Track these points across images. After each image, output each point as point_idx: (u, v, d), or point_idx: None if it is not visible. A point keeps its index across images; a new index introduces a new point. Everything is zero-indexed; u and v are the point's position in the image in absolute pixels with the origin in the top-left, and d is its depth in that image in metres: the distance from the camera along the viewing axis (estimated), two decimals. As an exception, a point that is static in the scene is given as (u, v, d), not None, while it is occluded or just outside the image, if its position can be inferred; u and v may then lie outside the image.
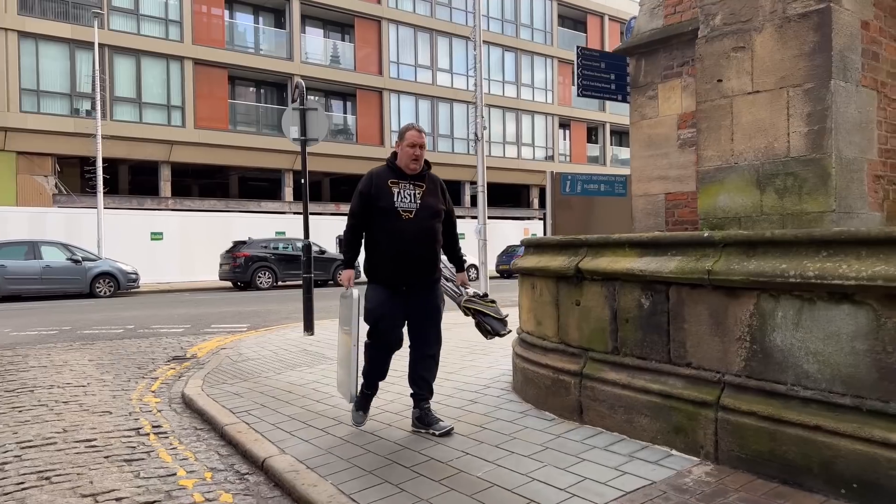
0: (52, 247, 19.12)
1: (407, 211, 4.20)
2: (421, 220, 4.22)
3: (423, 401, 4.38)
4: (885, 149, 3.82)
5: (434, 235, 4.30)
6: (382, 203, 4.19)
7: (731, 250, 3.42)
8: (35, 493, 3.74)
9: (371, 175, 4.34)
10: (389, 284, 4.25)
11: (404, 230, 4.17)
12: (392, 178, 4.26)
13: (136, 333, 10.65)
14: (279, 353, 8.08)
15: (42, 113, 24.06)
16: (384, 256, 4.24)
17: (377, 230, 4.26)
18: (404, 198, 4.21)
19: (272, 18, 30.44)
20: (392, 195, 4.19)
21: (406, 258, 4.20)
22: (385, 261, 4.24)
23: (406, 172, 4.26)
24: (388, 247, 4.21)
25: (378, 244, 4.27)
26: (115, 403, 5.92)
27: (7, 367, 7.71)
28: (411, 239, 4.18)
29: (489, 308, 4.43)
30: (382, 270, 4.27)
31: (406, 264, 4.21)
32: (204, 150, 26.90)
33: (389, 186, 4.22)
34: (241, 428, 4.82)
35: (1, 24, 23.10)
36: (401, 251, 4.18)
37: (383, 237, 4.23)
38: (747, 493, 3.12)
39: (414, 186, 4.27)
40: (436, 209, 4.31)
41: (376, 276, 4.32)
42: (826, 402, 3.03)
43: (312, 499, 3.48)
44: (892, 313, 2.81)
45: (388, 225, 4.20)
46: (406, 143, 4.26)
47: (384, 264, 4.25)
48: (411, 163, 4.24)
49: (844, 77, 3.50)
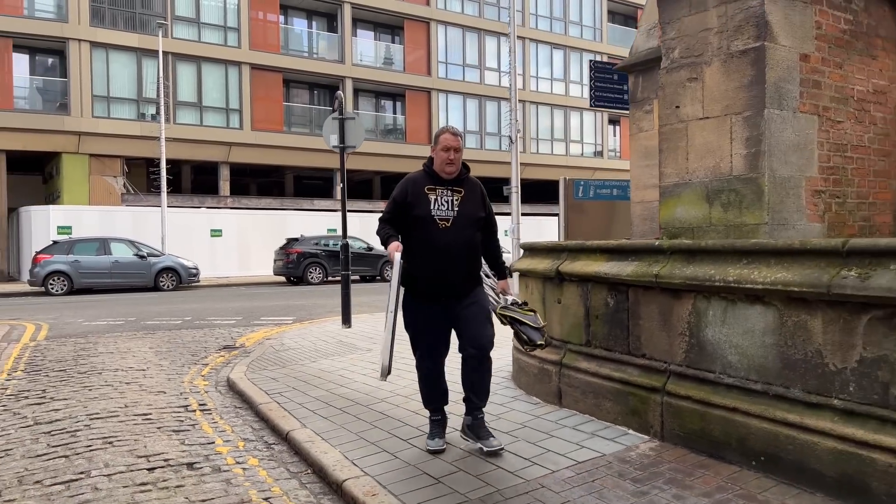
0: (121, 243, 20.54)
1: (444, 219, 3.98)
2: (459, 229, 3.99)
3: (476, 409, 4.13)
4: (828, 166, 4.27)
5: (473, 245, 4.10)
6: (418, 211, 3.98)
7: (675, 257, 3.97)
8: (100, 454, 4.57)
9: (407, 182, 4.12)
10: (427, 297, 4.05)
11: (441, 239, 3.96)
12: (429, 184, 4.05)
13: (193, 324, 11.65)
14: (317, 343, 8.87)
15: (112, 118, 25.69)
16: (420, 268, 4.01)
17: (412, 240, 4.03)
18: (441, 205, 4.00)
19: (325, 23, 31.52)
20: (429, 202, 3.99)
21: (443, 269, 3.99)
22: (421, 272, 4.01)
23: (443, 177, 4.05)
24: (425, 257, 3.99)
25: (414, 255, 4.01)
26: (169, 385, 6.79)
27: (80, 353, 8.73)
28: (448, 249, 3.96)
29: (526, 316, 4.11)
30: (419, 282, 4.05)
31: (443, 276, 4.00)
32: (260, 150, 28.17)
33: (426, 193, 4.01)
34: (272, 406, 5.59)
35: (75, 35, 24.77)
36: (437, 262, 3.98)
37: (419, 247, 4.00)
38: (677, 465, 3.68)
39: (452, 192, 4.05)
40: (475, 217, 4.09)
41: (413, 288, 4.09)
42: (743, 387, 3.56)
43: (323, 462, 4.19)
44: (792, 313, 3.32)
45: (424, 234, 3.99)
46: (440, 146, 4.03)
47: (420, 276, 4.02)
48: (446, 167, 4.01)
49: (780, 105, 3.97)
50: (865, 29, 4.53)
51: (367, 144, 30.08)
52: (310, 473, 4.22)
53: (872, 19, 4.57)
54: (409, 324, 4.15)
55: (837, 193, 4.32)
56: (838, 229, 4.31)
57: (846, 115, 4.38)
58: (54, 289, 18.92)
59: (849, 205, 4.40)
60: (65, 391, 6.51)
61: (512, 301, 4.23)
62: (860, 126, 4.48)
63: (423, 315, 4.07)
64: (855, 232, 4.42)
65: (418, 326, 4.11)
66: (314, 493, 3.89)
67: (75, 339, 9.96)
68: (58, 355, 8.60)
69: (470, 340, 4.05)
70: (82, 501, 3.76)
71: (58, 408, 5.87)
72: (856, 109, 4.45)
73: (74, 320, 12.49)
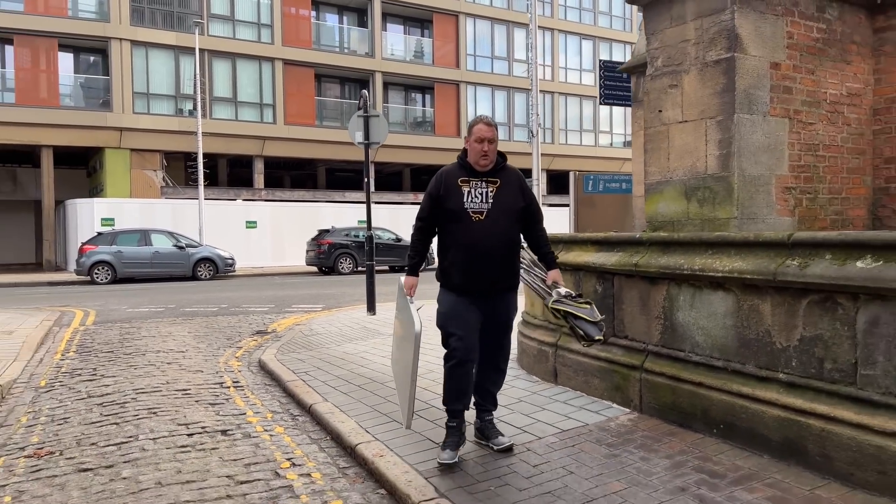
0: (161, 234, 21.45)
1: (477, 212, 3.85)
2: (493, 222, 3.84)
3: (485, 412, 4.16)
4: (799, 165, 4.63)
5: (509, 237, 3.92)
6: (451, 205, 3.87)
7: (653, 248, 4.40)
8: (146, 422, 5.19)
9: (441, 175, 4.01)
10: (461, 291, 3.93)
11: (474, 233, 3.83)
12: (462, 176, 3.92)
13: (228, 311, 12.35)
14: (343, 329, 9.44)
15: (151, 114, 26.66)
16: (454, 262, 3.91)
17: (446, 234, 3.96)
18: (475, 198, 3.86)
19: (355, 17, 32.10)
20: (462, 195, 3.86)
21: (477, 264, 3.85)
22: (455, 267, 3.91)
23: (477, 169, 3.91)
24: (458, 252, 3.88)
25: (448, 249, 3.96)
26: (206, 365, 7.42)
27: (125, 337, 9.45)
28: (482, 242, 3.83)
29: (581, 310, 3.87)
30: (453, 277, 3.94)
31: (477, 270, 3.86)
32: (293, 144, 28.92)
33: (459, 186, 3.89)
34: (298, 384, 6.16)
35: (116, 35, 25.75)
36: (471, 256, 3.85)
37: (452, 241, 3.92)
38: (649, 433, 4.14)
39: (487, 184, 3.90)
40: (511, 208, 3.92)
41: (448, 283, 4.00)
42: (708, 364, 4.00)
43: (339, 430, 4.74)
44: (747, 298, 3.75)
45: (457, 228, 3.88)
46: (473, 137, 3.90)
47: (455, 271, 3.92)
48: (480, 159, 3.88)
49: (749, 110, 4.36)
50: (839, 36, 4.87)
51: (397, 137, 30.75)
52: (328, 440, 4.77)
53: (847, 27, 4.92)
54: (441, 317, 4.00)
55: (808, 190, 4.69)
56: (809, 223, 4.69)
57: (818, 117, 4.74)
58: (99, 278, 19.89)
59: (820, 200, 4.77)
60: (113, 370, 7.19)
61: (565, 293, 3.96)
62: (833, 127, 4.84)
63: (458, 308, 3.92)
64: (826, 225, 4.78)
65: (451, 315, 3.93)
66: (331, 455, 4.43)
67: (120, 324, 10.71)
68: (105, 338, 9.33)
69: (488, 352, 4.00)
70: (132, 459, 4.36)
71: (107, 384, 6.53)
72: (828, 112, 4.81)
73: (119, 307, 13.29)
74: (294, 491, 3.83)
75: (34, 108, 24.83)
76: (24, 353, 7.97)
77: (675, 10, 4.68)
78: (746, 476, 3.42)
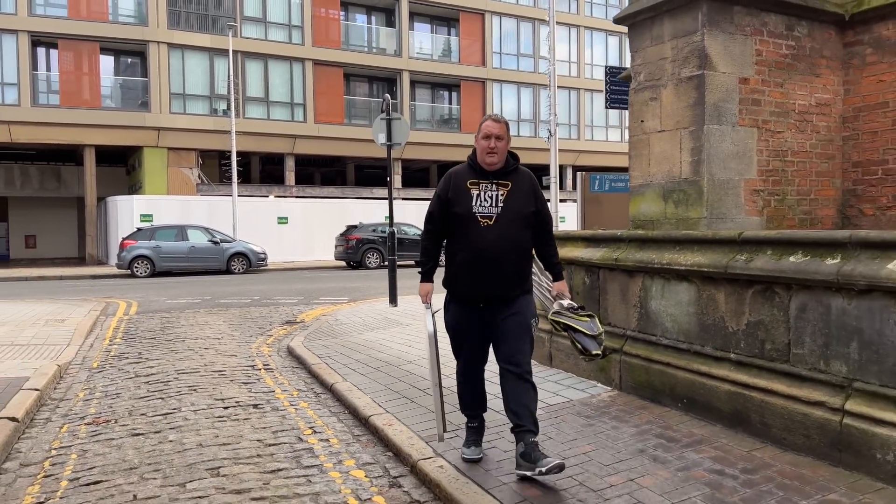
0: (197, 230, 22.40)
1: (486, 216, 3.65)
2: (502, 227, 3.64)
3: (526, 433, 3.65)
4: (767, 169, 5.12)
5: (518, 244, 3.71)
6: (459, 208, 3.68)
7: (631, 245, 4.96)
8: (187, 396, 5.90)
9: (449, 176, 3.84)
10: (467, 300, 3.77)
11: (483, 238, 3.63)
12: (472, 178, 3.73)
13: (260, 303, 13.12)
14: (365, 319, 10.11)
15: (187, 113, 27.69)
16: (460, 269, 3.73)
17: (454, 239, 3.78)
18: (484, 201, 3.67)
19: (383, 17, 32.79)
20: (471, 198, 3.67)
21: (484, 271, 3.65)
22: (462, 274, 3.73)
23: (486, 170, 3.71)
24: (465, 258, 3.70)
25: (454, 255, 3.77)
26: (240, 350, 8.14)
27: (166, 325, 10.24)
28: (490, 248, 3.62)
29: (579, 322, 3.78)
30: (459, 284, 3.78)
31: (484, 278, 3.67)
32: (323, 142, 29.75)
33: (468, 188, 3.70)
34: (321, 366, 6.83)
35: (154, 38, 26.80)
36: (478, 263, 3.65)
37: (459, 246, 3.73)
38: (624, 407, 4.70)
39: (497, 187, 3.70)
40: (522, 213, 3.72)
41: (454, 290, 3.84)
42: (675, 347, 4.55)
43: (356, 404, 5.38)
44: (706, 288, 4.29)
45: (464, 233, 3.68)
46: (480, 134, 3.71)
47: (460, 277, 3.75)
48: (487, 157, 3.67)
49: (719, 121, 4.86)
50: (808, 52, 5.34)
51: (424, 134, 31.40)
52: (346, 413, 5.42)
53: (816, 43, 5.38)
54: (449, 325, 3.92)
55: (777, 192, 5.18)
56: (777, 222, 5.18)
57: (787, 126, 5.22)
58: (139, 271, 20.90)
59: (788, 201, 5.25)
60: (156, 354, 7.94)
61: (568, 305, 3.85)
62: (802, 135, 5.31)
63: (463, 318, 3.80)
64: (794, 224, 5.26)
65: (458, 329, 3.86)
66: (348, 425, 5.08)
67: (161, 314, 11.53)
68: (148, 326, 10.13)
69: (504, 357, 3.76)
70: (176, 426, 5.06)
71: (151, 365, 7.27)
72: (797, 121, 5.28)
73: (158, 298, 14.16)
74: (314, 452, 4.48)
75: (77, 109, 26.00)
76: (76, 338, 8.77)
77: (655, 30, 5.20)
78: (698, 441, 3.98)
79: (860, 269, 3.30)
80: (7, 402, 5.38)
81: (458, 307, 3.84)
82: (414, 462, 4.10)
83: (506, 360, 3.76)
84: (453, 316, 3.87)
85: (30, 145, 27.42)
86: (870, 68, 5.36)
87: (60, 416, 5.44)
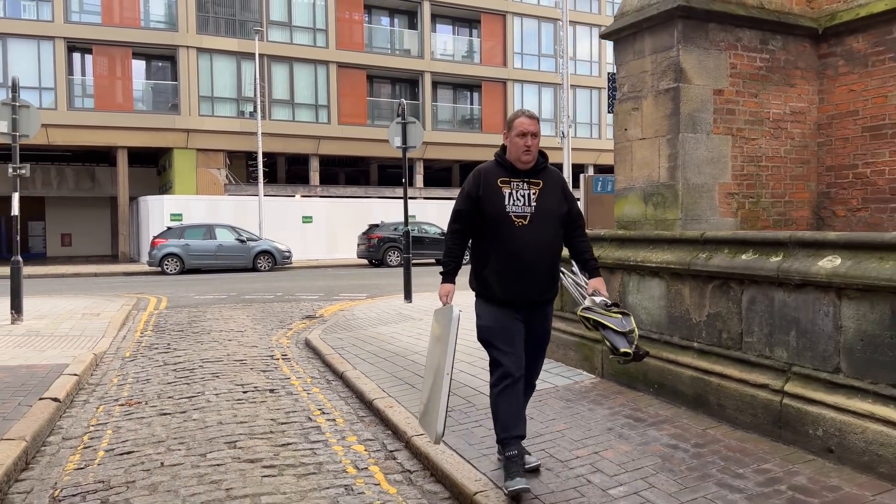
0: (224, 229, 23.16)
1: (520, 216, 3.54)
2: (537, 227, 3.54)
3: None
4: (741, 174, 5.51)
5: (553, 245, 3.64)
6: (490, 207, 3.55)
7: (612, 243, 5.39)
8: (210, 382, 6.47)
9: (479, 173, 3.70)
10: (503, 302, 3.61)
11: (517, 239, 3.51)
12: (502, 175, 3.62)
13: (283, 299, 13.73)
14: (380, 314, 10.63)
15: (216, 116, 28.54)
16: (494, 271, 3.59)
17: (485, 239, 3.62)
18: (517, 200, 3.56)
19: (406, 20, 33.34)
20: (503, 197, 3.55)
21: (520, 272, 3.53)
22: (496, 276, 3.58)
23: (518, 168, 3.61)
24: (499, 260, 3.56)
25: (487, 256, 3.61)
26: (261, 342, 8.71)
27: (193, 319, 10.88)
28: (526, 249, 3.51)
29: (610, 319, 3.57)
30: (493, 287, 3.61)
31: (520, 280, 3.55)
32: (347, 143, 30.42)
33: (499, 186, 3.58)
34: (334, 356, 7.35)
35: (184, 43, 27.68)
36: (513, 264, 3.53)
37: (492, 248, 3.58)
38: (602, 392, 5.15)
39: (529, 185, 3.60)
40: (556, 212, 3.63)
41: (485, 293, 3.67)
42: (648, 337, 4.98)
43: (362, 389, 5.89)
44: (675, 284, 4.71)
45: (497, 233, 3.55)
46: (515, 132, 3.60)
47: (495, 280, 3.59)
48: (523, 155, 3.57)
49: (693, 130, 5.26)
50: (783, 63, 5.71)
51: (446, 134, 31.93)
52: (353, 398, 5.93)
53: (791, 55, 5.75)
54: (484, 332, 3.68)
55: (751, 195, 5.57)
56: (752, 223, 5.57)
57: (761, 133, 5.60)
58: (168, 269, 21.71)
59: (763, 203, 5.63)
60: (183, 345, 8.55)
61: (601, 301, 3.67)
62: (776, 141, 5.69)
63: (501, 316, 3.59)
64: (768, 225, 5.64)
65: (496, 329, 3.61)
66: (353, 408, 5.59)
67: (189, 309, 12.19)
68: (176, 320, 10.78)
69: (527, 369, 3.69)
70: (199, 407, 5.62)
71: (179, 355, 7.87)
72: (771, 128, 5.66)
73: (187, 294, 14.86)
74: (321, 430, 5.00)
75: (111, 112, 26.97)
76: (110, 330, 9.42)
77: (637, 46, 5.61)
78: (661, 421, 4.41)
79: (796, 266, 3.71)
80: (50, 385, 5.99)
81: (493, 310, 3.64)
82: (408, 438, 4.60)
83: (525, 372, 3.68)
84: (489, 320, 3.62)
85: (66, 147, 28.47)
86: (842, 78, 5.71)
87: (97, 398, 6.03)
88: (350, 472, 4.17)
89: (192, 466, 4.26)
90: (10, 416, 5.01)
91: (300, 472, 4.17)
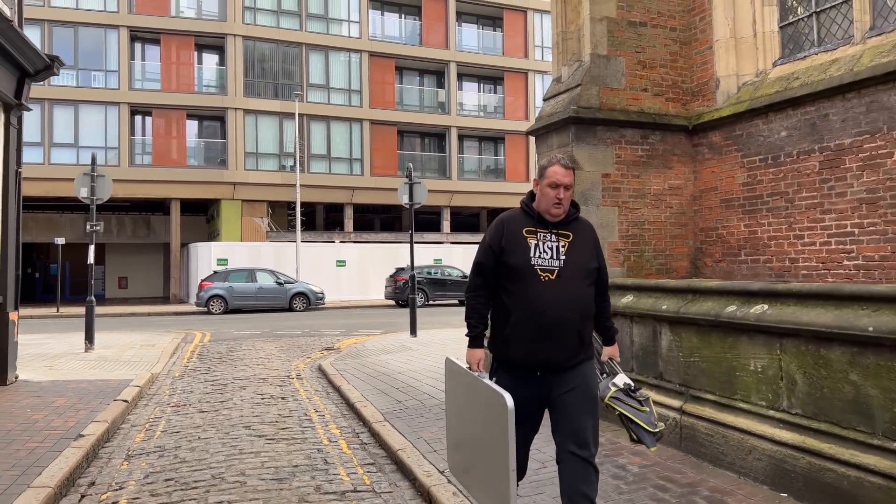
0: (264, 272, 25.55)
1: (547, 270, 3.24)
2: (567, 283, 3.24)
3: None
4: (627, 235, 7.35)
5: (584, 303, 3.32)
6: (515, 259, 3.26)
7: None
8: (238, 392, 8.55)
9: (501, 223, 3.42)
10: (522, 368, 3.28)
11: (543, 295, 3.21)
12: (528, 225, 3.34)
13: (308, 334, 15.85)
14: (386, 346, 12.63)
15: (259, 170, 31.38)
16: (515, 330, 3.26)
17: (507, 295, 3.31)
18: (544, 252, 3.27)
19: (434, 79, 36.03)
20: (528, 248, 3.26)
21: (544, 333, 3.21)
22: (518, 336, 3.25)
23: (547, 219, 3.33)
24: (521, 317, 3.24)
25: (508, 314, 3.29)
26: (282, 366, 10.78)
27: (230, 349, 13.05)
28: (553, 307, 3.20)
29: (639, 416, 3.32)
30: (513, 349, 3.28)
31: (544, 341, 3.22)
32: (378, 192, 32.87)
33: (525, 237, 3.30)
34: (336, 376, 9.35)
35: (232, 105, 30.73)
36: (537, 323, 3.20)
37: (514, 304, 3.27)
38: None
39: (557, 237, 3.32)
40: (587, 268, 3.33)
41: (505, 356, 3.34)
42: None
43: (350, 397, 7.86)
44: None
45: (521, 288, 3.24)
46: (547, 181, 3.33)
47: (515, 340, 3.26)
48: (553, 208, 3.31)
49: (586, 203, 7.15)
50: (661, 152, 7.59)
51: (471, 183, 34.17)
52: (343, 404, 7.90)
53: (668, 145, 7.64)
54: None
55: (636, 251, 7.41)
56: (637, 272, 7.39)
57: (643, 204, 7.46)
58: (214, 309, 24.11)
59: (646, 256, 7.45)
60: (220, 368, 10.67)
61: (624, 384, 3.38)
62: (657, 210, 7.53)
63: (516, 389, 3.14)
64: (651, 273, 7.44)
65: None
66: (341, 410, 7.57)
67: (228, 342, 14.39)
68: (216, 350, 12.96)
69: (566, 435, 3.24)
70: (228, 407, 7.67)
71: (216, 375, 9.98)
72: (652, 200, 7.51)
73: (228, 330, 17.12)
74: (312, 421, 6.99)
75: (166, 168, 30.02)
76: (163, 357, 11.62)
77: (549, 141, 7.58)
78: (542, 412, 6.26)
79: (638, 304, 5.58)
80: (120, 392, 8.12)
81: (509, 376, 3.29)
82: (370, 424, 6.55)
83: (568, 440, 3.23)
84: (503, 386, 3.14)
85: (125, 199, 31.58)
86: (707, 162, 7.58)
87: (154, 403, 8.13)
88: (324, 443, 6.15)
89: (218, 439, 6.28)
90: (96, 409, 7.13)
91: (290, 442, 6.16)
